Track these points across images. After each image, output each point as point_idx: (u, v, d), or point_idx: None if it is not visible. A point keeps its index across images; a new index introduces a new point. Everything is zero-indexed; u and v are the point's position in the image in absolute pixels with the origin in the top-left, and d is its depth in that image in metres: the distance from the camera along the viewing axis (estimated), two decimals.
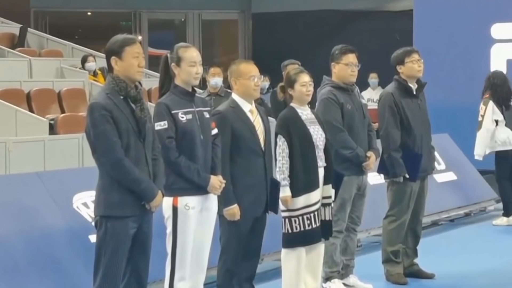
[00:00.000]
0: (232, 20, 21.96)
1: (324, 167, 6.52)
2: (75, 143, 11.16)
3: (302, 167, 6.38)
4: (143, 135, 5.19)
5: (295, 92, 6.54)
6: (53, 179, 7.04)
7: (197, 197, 5.60)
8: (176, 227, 5.56)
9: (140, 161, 5.17)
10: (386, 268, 7.67)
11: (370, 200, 7.49)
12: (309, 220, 6.37)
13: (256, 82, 6.06)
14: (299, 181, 6.34)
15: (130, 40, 5.29)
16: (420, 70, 7.60)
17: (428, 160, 7.71)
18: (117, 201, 5.11)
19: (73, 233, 6.66)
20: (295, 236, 6.37)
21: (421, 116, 7.66)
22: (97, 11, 21.39)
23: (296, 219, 6.36)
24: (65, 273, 6.43)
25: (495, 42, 14.31)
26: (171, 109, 5.58)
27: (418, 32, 14.78)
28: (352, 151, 7.02)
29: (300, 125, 6.42)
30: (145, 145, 5.21)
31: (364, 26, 19.38)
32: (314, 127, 6.52)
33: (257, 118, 6.11)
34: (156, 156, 5.32)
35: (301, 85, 6.52)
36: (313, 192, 6.41)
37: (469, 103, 14.33)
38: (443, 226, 10.74)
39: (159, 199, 5.24)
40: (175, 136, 5.56)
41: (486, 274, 8.08)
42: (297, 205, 6.37)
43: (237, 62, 6.22)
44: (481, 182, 11.96)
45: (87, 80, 13.70)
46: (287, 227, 6.38)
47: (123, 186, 5.10)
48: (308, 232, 6.38)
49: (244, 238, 6.05)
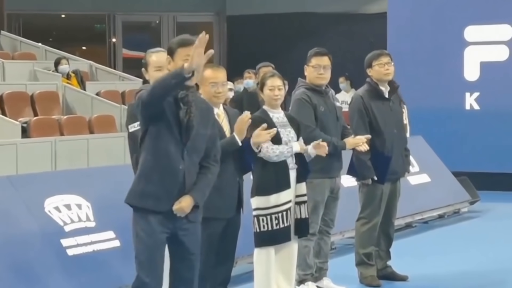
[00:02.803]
0: (207, 22, 21.91)
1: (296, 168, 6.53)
2: (48, 146, 11.11)
3: (272, 169, 6.40)
4: (183, 140, 5.00)
5: (264, 96, 6.59)
6: (24, 183, 6.98)
7: None
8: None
9: (174, 168, 4.98)
10: (359, 270, 7.68)
11: (344, 202, 7.50)
12: (277, 220, 6.38)
13: (217, 89, 5.99)
14: (269, 181, 6.37)
15: (185, 41, 5.11)
16: (387, 73, 7.61)
17: (399, 163, 7.71)
18: (140, 192, 5.00)
19: (46, 237, 6.61)
20: (263, 235, 6.39)
21: (393, 119, 7.68)
22: (71, 13, 21.28)
23: (264, 218, 6.38)
24: (37, 277, 6.38)
25: (468, 44, 14.40)
26: None
27: (392, 35, 14.84)
28: (328, 143, 7.03)
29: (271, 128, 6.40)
30: (185, 150, 5.00)
31: (339, 29, 19.43)
32: (285, 130, 6.52)
33: (224, 121, 6.09)
34: (208, 163, 5.15)
35: (269, 89, 6.55)
36: (283, 191, 6.42)
37: (443, 105, 14.45)
38: (417, 228, 10.78)
39: (185, 201, 5.03)
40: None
41: (460, 276, 8.11)
42: (266, 204, 6.38)
43: (205, 67, 6.17)
44: (454, 184, 12.02)
45: (61, 83, 13.63)
46: (256, 226, 6.41)
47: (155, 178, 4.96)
48: (276, 232, 6.38)
49: (216, 241, 6.02)
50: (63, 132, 12.04)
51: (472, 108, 14.38)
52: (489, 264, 8.63)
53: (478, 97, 14.32)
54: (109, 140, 11.77)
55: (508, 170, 13.94)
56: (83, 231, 6.82)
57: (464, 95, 14.39)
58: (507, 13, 14.09)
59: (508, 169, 13.95)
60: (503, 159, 14.00)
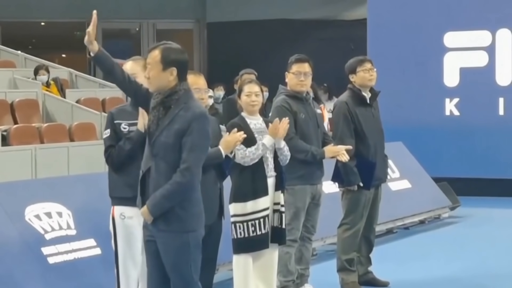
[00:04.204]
0: (187, 29, 21.91)
1: (275, 175, 6.53)
2: (28, 154, 11.05)
3: (249, 176, 6.40)
4: (150, 146, 5.10)
5: (242, 102, 6.58)
6: (5, 191, 6.94)
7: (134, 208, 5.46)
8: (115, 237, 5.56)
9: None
10: (341, 276, 7.68)
11: (325, 208, 7.51)
12: (253, 227, 6.38)
13: (200, 95, 5.99)
14: (246, 188, 6.36)
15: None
16: (371, 79, 7.64)
17: (382, 168, 7.75)
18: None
19: (26, 245, 6.57)
20: (239, 242, 6.39)
21: (375, 125, 7.71)
22: (51, 21, 21.20)
23: (241, 225, 6.37)
24: (17, 286, 6.33)
25: (448, 50, 14.47)
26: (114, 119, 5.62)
27: (372, 40, 14.89)
28: (306, 152, 7.02)
29: (248, 135, 6.38)
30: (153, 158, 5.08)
31: (319, 35, 19.48)
32: (263, 136, 6.51)
33: None
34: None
35: (246, 95, 6.55)
36: (261, 198, 6.41)
37: (423, 111, 14.51)
38: (398, 234, 10.81)
39: (143, 209, 5.03)
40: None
41: (441, 282, 8.13)
42: (243, 211, 6.38)
43: None
44: (435, 190, 12.06)
45: (40, 91, 13.57)
46: (233, 232, 6.41)
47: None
48: (252, 239, 6.38)
49: None
50: (43, 140, 11.99)
51: (452, 114, 14.44)
52: (470, 270, 8.65)
53: (458, 102, 14.38)
54: (90, 148, 11.72)
55: (488, 175, 14.01)
56: (64, 239, 6.79)
57: (444, 101, 14.45)
58: (486, 19, 14.16)
59: (488, 174, 14.01)
60: (483, 164, 14.07)
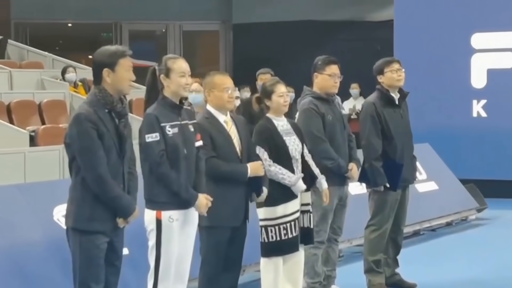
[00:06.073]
0: (213, 31, 21.94)
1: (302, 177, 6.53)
2: (56, 155, 11.11)
3: None
4: (123, 153, 5.16)
5: (273, 103, 6.55)
6: (33, 191, 6.99)
7: (179, 210, 5.57)
8: (160, 240, 5.53)
9: (117, 177, 5.13)
10: (368, 278, 7.67)
11: (351, 210, 7.50)
12: (285, 230, 6.38)
13: (230, 94, 6.03)
14: (277, 191, 6.34)
15: (124, 53, 5.21)
16: (399, 79, 7.62)
17: (409, 170, 7.72)
18: (88, 215, 5.06)
19: (54, 245, 6.60)
20: (271, 245, 6.38)
21: (403, 126, 7.68)
22: (78, 22, 21.31)
23: (272, 228, 6.37)
24: (44, 286, 6.38)
25: (475, 51, 14.39)
26: (160, 121, 5.53)
27: (398, 42, 14.84)
28: (334, 161, 7.03)
29: (276, 137, 6.42)
30: (124, 162, 5.18)
31: (345, 37, 19.42)
32: (290, 137, 6.52)
33: (232, 128, 6.10)
34: (131, 169, 5.28)
35: (279, 96, 6.54)
36: (291, 201, 6.42)
37: (450, 112, 14.44)
38: (425, 236, 10.77)
39: (136, 215, 5.22)
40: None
41: (468, 283, 8.10)
42: (275, 215, 6.38)
43: (211, 74, 6.17)
44: (462, 192, 12.00)
45: (68, 92, 13.66)
46: (264, 236, 6.40)
47: (101, 201, 5.05)
48: (284, 242, 6.39)
49: (223, 248, 6.03)
50: None
51: (479, 115, 14.36)
52: (497, 271, 8.61)
53: (485, 104, 14.30)
54: None
55: None
56: None
57: (471, 103, 14.37)
58: None
59: None
60: (510, 166, 13.97)
